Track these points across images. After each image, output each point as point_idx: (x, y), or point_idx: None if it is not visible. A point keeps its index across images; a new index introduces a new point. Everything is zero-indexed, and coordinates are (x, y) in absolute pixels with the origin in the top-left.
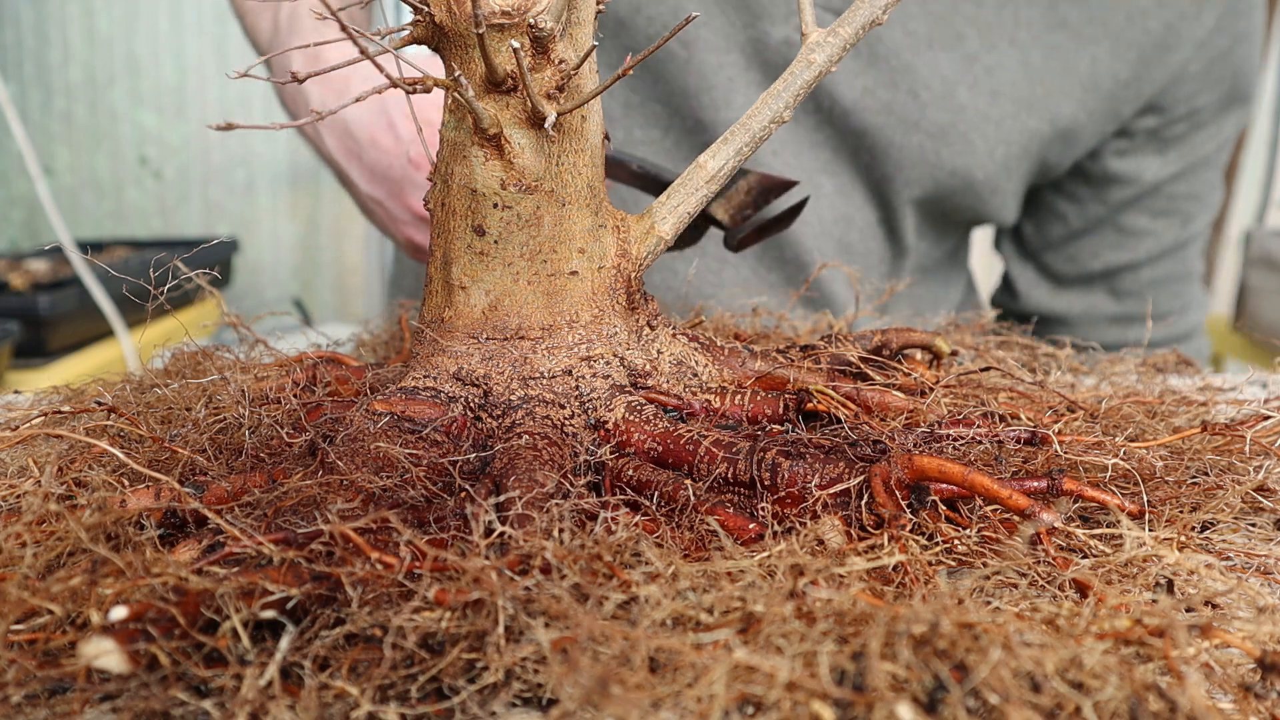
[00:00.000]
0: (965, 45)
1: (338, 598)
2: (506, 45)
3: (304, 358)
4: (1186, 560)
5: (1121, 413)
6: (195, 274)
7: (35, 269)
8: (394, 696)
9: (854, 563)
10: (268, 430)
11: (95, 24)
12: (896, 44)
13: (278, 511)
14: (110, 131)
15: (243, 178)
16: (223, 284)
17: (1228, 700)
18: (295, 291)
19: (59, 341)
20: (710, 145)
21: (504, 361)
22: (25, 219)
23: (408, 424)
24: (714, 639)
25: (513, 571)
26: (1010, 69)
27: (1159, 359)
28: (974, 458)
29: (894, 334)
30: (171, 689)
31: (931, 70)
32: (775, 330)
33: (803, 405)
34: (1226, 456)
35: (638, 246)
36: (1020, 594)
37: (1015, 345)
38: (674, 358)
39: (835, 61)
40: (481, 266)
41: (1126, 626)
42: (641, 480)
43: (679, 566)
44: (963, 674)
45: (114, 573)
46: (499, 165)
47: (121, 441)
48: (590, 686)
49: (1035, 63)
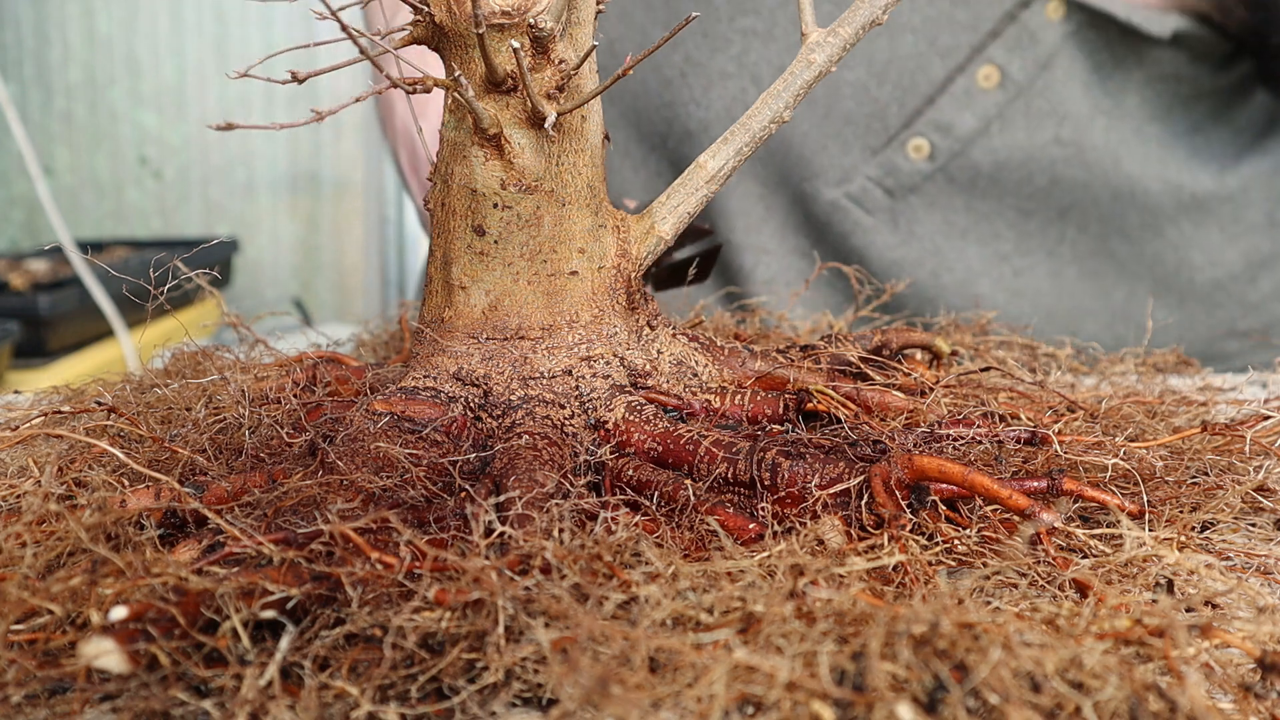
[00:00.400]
0: (999, 245)
1: (338, 598)
2: (506, 45)
3: (304, 358)
4: (1186, 560)
5: (1121, 413)
6: (195, 274)
7: (35, 269)
8: (394, 696)
9: (854, 563)
10: (268, 430)
11: (95, 24)
12: (934, 229)
13: (278, 511)
14: (110, 131)
15: (243, 178)
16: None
17: (1228, 700)
18: (295, 291)
19: (59, 341)
20: (710, 146)
21: (504, 361)
22: (25, 219)
23: (408, 424)
24: (714, 639)
25: (513, 571)
26: (1039, 276)
27: (1159, 359)
28: (974, 458)
29: (894, 334)
30: (171, 689)
31: (959, 257)
32: (775, 330)
33: (803, 405)
34: (1226, 456)
35: (638, 246)
36: (1020, 594)
37: (1015, 345)
38: (674, 358)
39: (835, 61)
40: (481, 266)
41: (1126, 626)
42: (641, 480)
43: (679, 566)
44: (963, 674)
45: (114, 573)
46: (499, 165)
47: (121, 441)
48: (590, 686)
49: (1068, 278)
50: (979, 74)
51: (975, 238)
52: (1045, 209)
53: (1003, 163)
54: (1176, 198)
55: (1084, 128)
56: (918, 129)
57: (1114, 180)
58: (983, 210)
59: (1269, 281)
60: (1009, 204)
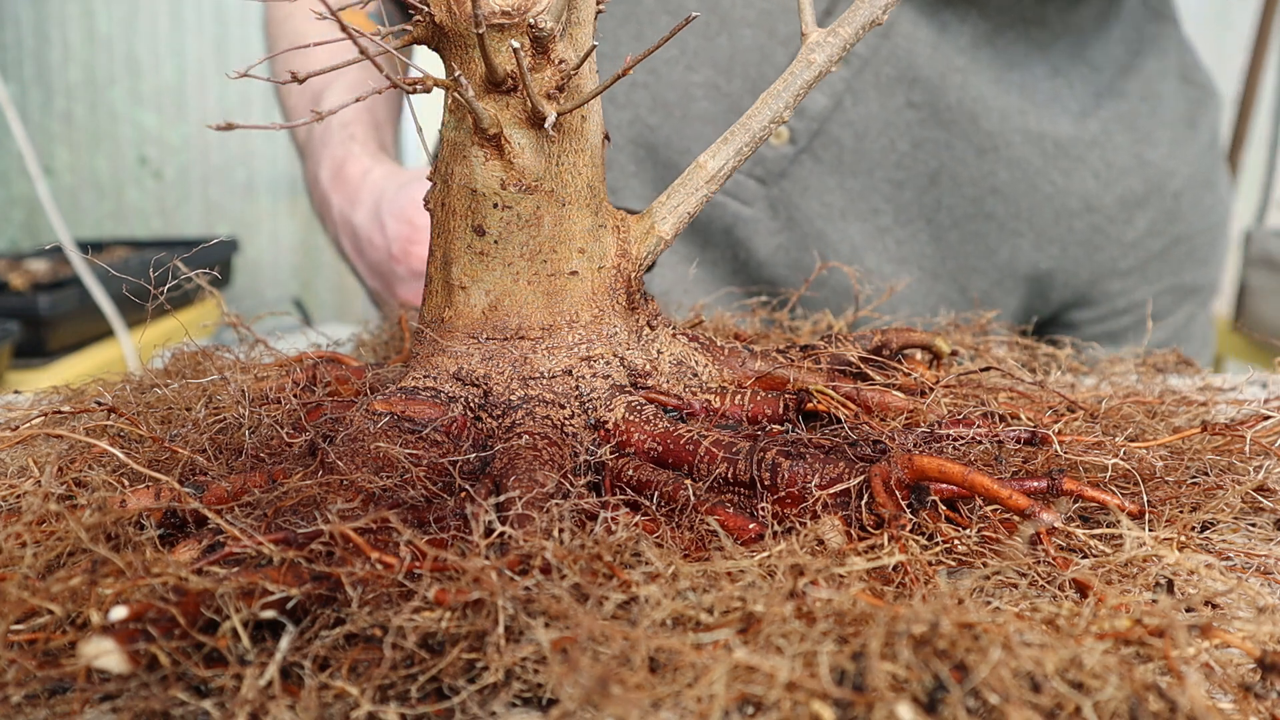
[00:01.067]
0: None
1: (338, 598)
2: (506, 45)
3: (304, 358)
4: (1186, 560)
5: (1121, 413)
6: (195, 274)
7: (35, 269)
8: (394, 696)
9: (854, 563)
10: (268, 430)
11: (95, 24)
12: (812, 213)
13: (278, 511)
14: (110, 131)
15: (243, 178)
16: (223, 284)
17: (1228, 700)
18: (295, 291)
19: (59, 341)
20: (710, 146)
21: (504, 361)
22: (25, 219)
23: (408, 424)
24: (714, 639)
25: (513, 571)
26: (921, 243)
27: (1159, 359)
28: (974, 458)
29: (894, 334)
30: (171, 689)
31: (842, 237)
32: (775, 330)
33: (803, 405)
34: (1226, 456)
35: (638, 246)
36: (1020, 594)
37: (1015, 345)
38: (674, 358)
39: (835, 61)
40: (481, 266)
41: (1126, 626)
42: (641, 480)
43: (679, 566)
44: (963, 674)
45: (114, 573)
46: (499, 165)
47: (121, 441)
48: (590, 686)
49: (950, 242)
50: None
51: (854, 216)
52: (916, 177)
53: (862, 134)
54: (1040, 148)
55: (936, 89)
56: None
57: (975, 138)
58: (856, 189)
59: (1144, 220)
60: (880, 177)
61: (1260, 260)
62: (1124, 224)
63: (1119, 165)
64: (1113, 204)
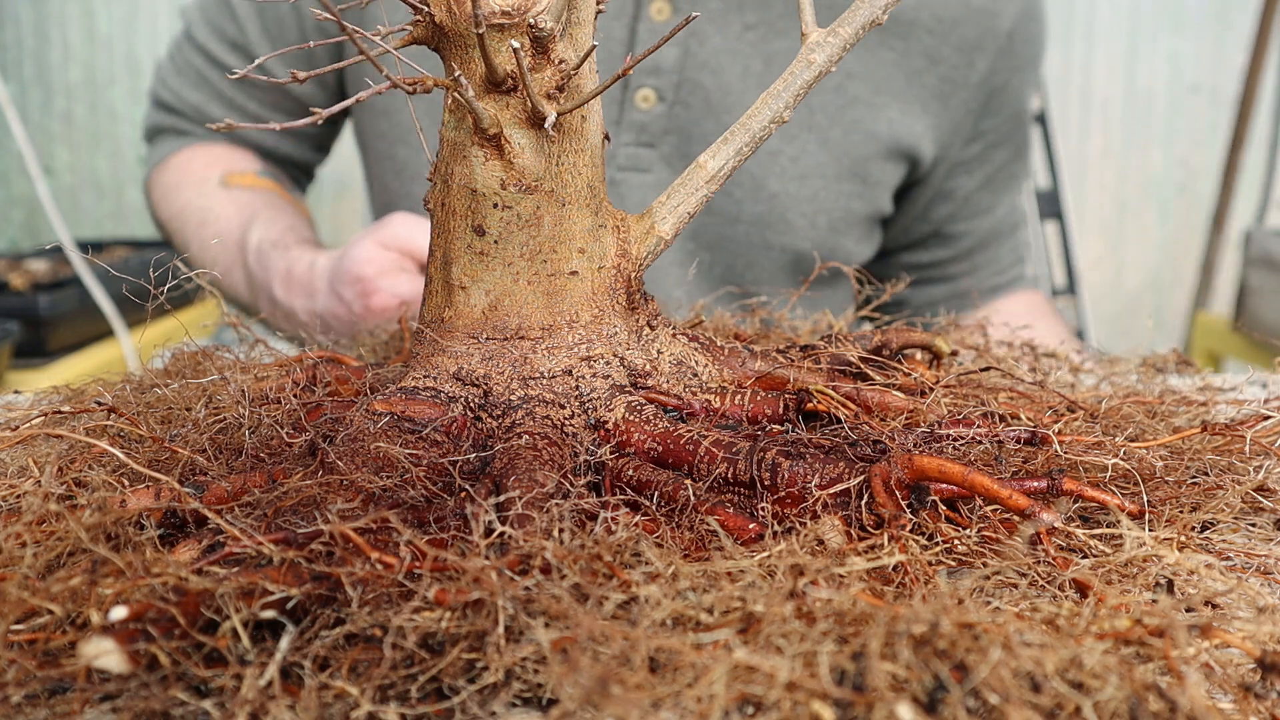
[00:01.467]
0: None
1: (338, 598)
2: (506, 45)
3: (304, 358)
4: (1186, 560)
5: (1121, 413)
6: (195, 274)
7: (35, 269)
8: (394, 696)
9: (854, 563)
10: (268, 430)
11: (95, 24)
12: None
13: (278, 511)
14: (110, 131)
15: None
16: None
17: (1228, 700)
18: None
19: (59, 341)
20: (710, 146)
21: (504, 361)
22: (25, 219)
23: (408, 424)
24: (714, 639)
25: (513, 571)
26: (812, 152)
27: (1159, 359)
28: (974, 458)
29: (894, 334)
30: (171, 689)
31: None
32: (775, 330)
33: (803, 405)
34: (1226, 456)
35: (638, 246)
36: (1020, 594)
37: (1015, 345)
38: (674, 358)
39: (835, 61)
40: (481, 266)
41: (1126, 626)
42: (641, 480)
43: (679, 566)
44: (963, 674)
45: (114, 573)
46: (499, 165)
47: (121, 441)
48: (590, 686)
49: (835, 139)
50: (652, 10)
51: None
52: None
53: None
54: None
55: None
56: (635, 83)
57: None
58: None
59: (984, 62)
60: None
61: (1260, 260)
62: (967, 69)
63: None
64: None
